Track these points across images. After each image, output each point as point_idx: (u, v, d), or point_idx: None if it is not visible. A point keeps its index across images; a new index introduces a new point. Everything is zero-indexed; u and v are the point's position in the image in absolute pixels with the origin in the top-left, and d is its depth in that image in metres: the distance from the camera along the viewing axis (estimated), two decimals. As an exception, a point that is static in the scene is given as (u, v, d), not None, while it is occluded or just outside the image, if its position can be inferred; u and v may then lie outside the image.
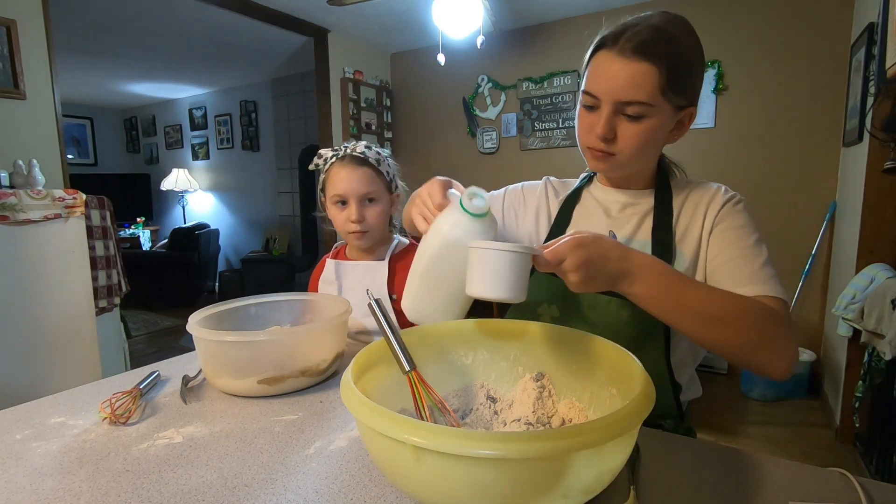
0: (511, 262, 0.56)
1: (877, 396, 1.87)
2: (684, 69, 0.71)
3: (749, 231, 0.75)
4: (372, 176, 1.09)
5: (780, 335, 0.65)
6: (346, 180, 1.07)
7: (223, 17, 3.40)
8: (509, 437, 0.40)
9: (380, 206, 1.10)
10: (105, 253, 2.27)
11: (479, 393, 0.68)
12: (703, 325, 0.63)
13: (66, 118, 3.41)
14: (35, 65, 2.26)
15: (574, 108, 3.57)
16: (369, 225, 1.09)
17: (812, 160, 2.84)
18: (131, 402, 0.73)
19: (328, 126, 3.76)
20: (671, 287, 0.61)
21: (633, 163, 0.77)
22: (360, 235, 1.09)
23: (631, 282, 0.60)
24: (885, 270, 1.91)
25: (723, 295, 0.65)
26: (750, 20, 2.93)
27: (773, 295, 0.68)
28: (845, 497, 0.52)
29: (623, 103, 0.70)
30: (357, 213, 1.07)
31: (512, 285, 0.56)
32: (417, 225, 0.74)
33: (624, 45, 0.69)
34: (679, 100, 0.72)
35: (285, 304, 1.03)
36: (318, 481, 0.55)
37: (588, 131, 0.76)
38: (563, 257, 0.56)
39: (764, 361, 0.65)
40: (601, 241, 0.59)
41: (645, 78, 0.68)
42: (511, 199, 0.95)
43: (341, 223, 1.10)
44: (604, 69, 0.71)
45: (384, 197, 1.12)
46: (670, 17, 0.72)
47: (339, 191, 1.07)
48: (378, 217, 1.10)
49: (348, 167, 1.07)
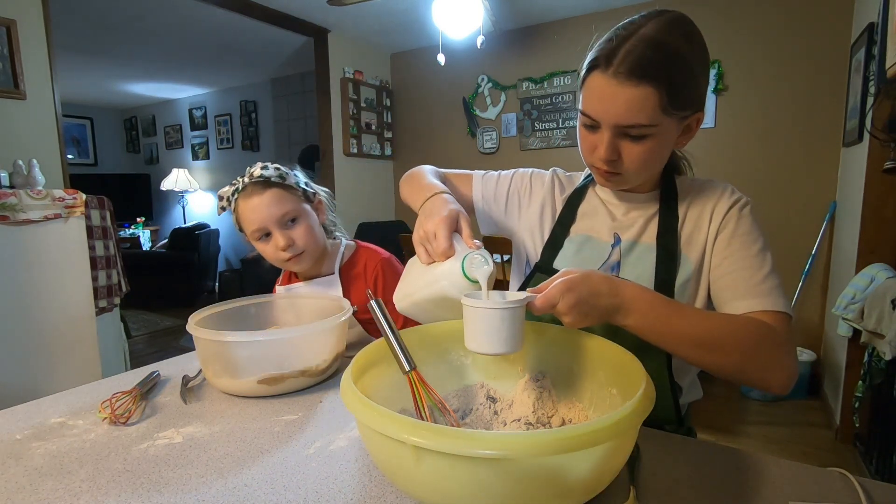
0: (505, 319, 0.56)
1: (877, 396, 1.87)
2: (686, 81, 0.66)
3: (753, 238, 0.74)
4: (282, 195, 1.00)
5: (776, 355, 0.65)
6: (256, 210, 0.98)
7: (223, 17, 3.40)
8: (509, 437, 0.40)
9: (304, 222, 1.02)
10: (105, 253, 2.27)
11: (479, 393, 0.68)
12: (697, 352, 0.64)
13: (66, 118, 3.41)
14: (35, 65, 2.26)
15: (574, 108, 3.58)
16: (301, 246, 1.01)
17: (812, 160, 2.84)
18: (131, 402, 0.73)
19: (328, 126, 3.76)
20: (664, 317, 0.63)
21: (640, 178, 0.76)
22: (296, 260, 1.02)
23: (624, 315, 0.62)
24: (885, 270, 1.91)
25: (716, 321, 0.66)
26: (750, 20, 2.93)
27: (774, 309, 0.68)
28: (845, 497, 0.52)
29: (624, 126, 0.67)
30: (283, 238, 0.99)
31: (507, 340, 0.57)
32: (419, 256, 0.71)
33: (618, 67, 0.64)
34: (683, 112, 0.68)
35: (285, 304, 1.03)
36: (318, 481, 0.55)
37: (591, 151, 0.73)
38: (555, 302, 0.58)
39: (760, 380, 0.66)
40: (589, 278, 0.60)
41: (644, 101, 0.64)
42: (518, 183, 0.92)
43: (272, 255, 1.02)
44: (598, 93, 0.67)
45: (304, 212, 1.03)
46: (667, 21, 0.66)
47: (255, 224, 0.99)
48: (307, 235, 1.02)
49: (254, 196, 0.99)
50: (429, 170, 0.91)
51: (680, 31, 0.66)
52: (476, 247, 0.65)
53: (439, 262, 0.67)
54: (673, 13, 0.68)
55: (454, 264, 0.64)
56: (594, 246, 0.81)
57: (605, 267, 0.79)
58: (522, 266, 0.91)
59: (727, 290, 0.72)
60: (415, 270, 0.73)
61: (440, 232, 0.66)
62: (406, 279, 0.76)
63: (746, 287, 0.71)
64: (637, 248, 0.79)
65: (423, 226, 0.69)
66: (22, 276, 1.85)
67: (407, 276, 0.76)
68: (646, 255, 0.78)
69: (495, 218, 0.93)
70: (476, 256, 0.64)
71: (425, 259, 0.69)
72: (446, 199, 0.73)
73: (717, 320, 0.66)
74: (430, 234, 0.68)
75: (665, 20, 0.66)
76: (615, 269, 0.79)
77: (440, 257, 0.66)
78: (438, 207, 0.71)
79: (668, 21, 0.66)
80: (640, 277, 0.76)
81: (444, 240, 0.66)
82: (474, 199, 0.93)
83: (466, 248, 0.66)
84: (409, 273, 0.76)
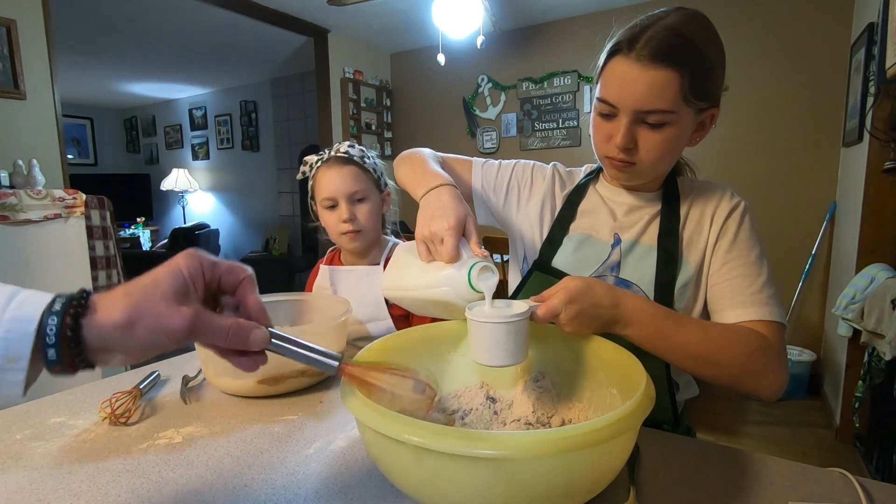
0: (511, 332, 0.56)
1: (877, 396, 1.87)
2: (706, 72, 0.67)
3: (751, 245, 0.75)
4: (358, 174, 1.07)
5: (769, 367, 0.67)
6: (333, 181, 1.06)
7: (223, 17, 3.40)
8: (509, 437, 0.40)
9: (370, 204, 1.08)
10: (105, 253, 2.27)
11: (479, 393, 0.68)
12: (693, 363, 0.66)
13: (66, 118, 3.41)
14: (35, 65, 2.26)
15: (573, 108, 3.58)
16: (361, 224, 1.07)
17: (812, 160, 2.84)
18: (131, 402, 0.73)
19: (328, 126, 3.76)
20: (662, 329, 0.64)
21: (654, 171, 0.75)
22: (353, 236, 1.07)
23: (623, 326, 0.64)
24: (885, 270, 1.91)
25: (713, 333, 0.67)
26: (750, 20, 2.93)
27: (769, 319, 0.69)
28: (845, 497, 0.52)
29: (643, 112, 0.67)
30: (348, 212, 1.05)
31: (514, 352, 0.57)
32: (420, 253, 0.69)
33: (641, 51, 0.65)
34: (701, 103, 0.69)
35: (285, 304, 1.03)
36: (318, 481, 0.55)
37: (606, 140, 0.73)
38: (557, 312, 0.59)
39: (752, 390, 0.68)
40: (592, 289, 0.61)
41: (665, 85, 0.65)
42: (519, 175, 0.92)
43: (333, 225, 1.08)
44: (620, 77, 0.67)
45: (373, 195, 1.10)
46: (687, 15, 0.68)
47: (327, 193, 1.06)
48: (369, 216, 1.08)
49: (334, 168, 1.06)
50: (428, 153, 0.89)
51: (700, 24, 0.68)
52: (483, 255, 0.64)
53: (441, 264, 0.65)
54: (692, 10, 0.69)
55: (460, 272, 0.63)
56: (593, 245, 0.81)
57: (605, 267, 0.79)
58: (520, 260, 0.91)
59: (724, 298, 0.73)
60: (413, 264, 0.71)
61: (449, 240, 0.64)
62: (401, 270, 0.74)
63: (744, 295, 0.71)
64: (637, 249, 0.79)
65: (430, 225, 0.66)
66: (22, 276, 1.84)
67: (402, 268, 0.74)
68: (646, 256, 0.78)
69: (493, 207, 0.92)
70: (483, 267, 0.63)
71: (426, 257, 0.68)
72: (453, 195, 0.70)
73: (714, 333, 0.68)
74: (436, 237, 0.65)
75: (686, 14, 0.68)
76: (615, 270, 0.79)
77: (446, 260, 0.65)
78: (446, 206, 0.68)
79: (689, 14, 0.68)
80: (641, 279, 0.76)
81: (452, 248, 0.63)
82: (473, 187, 0.92)
83: (472, 255, 0.64)
84: (404, 264, 0.73)
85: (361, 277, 1.12)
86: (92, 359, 0.38)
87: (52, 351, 0.36)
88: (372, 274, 1.11)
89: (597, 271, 0.79)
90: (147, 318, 0.37)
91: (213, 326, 0.40)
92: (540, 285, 0.80)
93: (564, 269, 0.80)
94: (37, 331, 0.35)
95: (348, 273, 1.13)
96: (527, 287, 0.83)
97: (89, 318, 0.37)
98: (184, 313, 0.38)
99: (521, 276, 0.88)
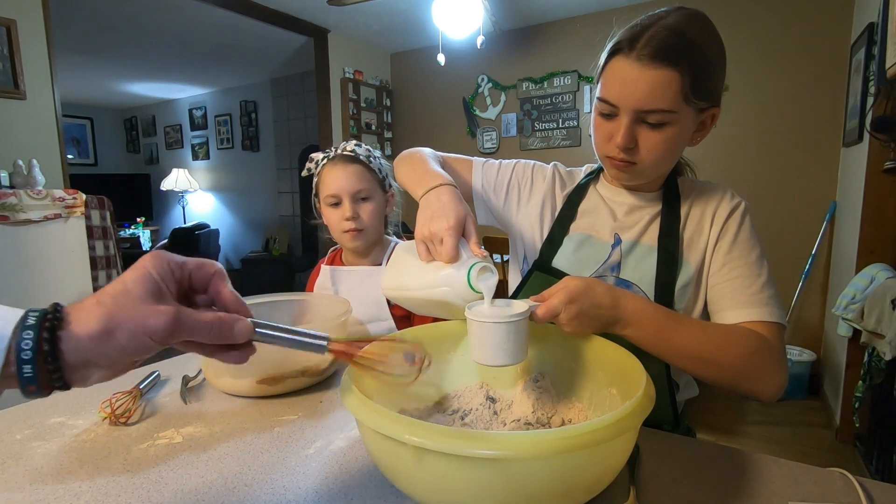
0: (510, 332, 0.56)
1: (877, 396, 1.87)
2: (706, 72, 0.67)
3: (752, 245, 0.75)
4: (363, 173, 1.08)
5: (768, 368, 0.68)
6: (337, 178, 1.06)
7: (223, 17, 3.40)
8: (509, 437, 0.40)
9: (373, 203, 1.09)
10: (105, 253, 2.27)
11: (479, 393, 0.68)
12: (693, 364, 0.67)
13: (66, 118, 3.41)
14: (35, 65, 2.26)
15: (573, 108, 3.58)
16: (364, 223, 1.07)
17: (812, 160, 2.84)
18: (131, 402, 0.73)
19: (328, 126, 3.76)
20: (662, 330, 0.65)
21: (655, 170, 0.75)
22: (355, 234, 1.07)
23: (623, 326, 0.64)
24: (885, 270, 1.91)
25: (713, 334, 0.67)
26: (750, 20, 2.93)
27: (768, 320, 0.69)
28: (845, 497, 0.52)
29: (644, 112, 0.67)
30: (351, 210, 1.06)
31: (514, 352, 0.57)
32: (420, 253, 0.70)
33: (641, 50, 0.65)
34: (702, 103, 0.69)
35: (285, 304, 1.03)
36: (318, 481, 0.55)
37: (606, 140, 0.73)
38: (557, 312, 0.59)
39: (751, 391, 0.69)
40: (592, 290, 0.61)
41: (666, 85, 0.65)
42: (520, 175, 0.92)
43: (335, 223, 1.08)
44: (621, 77, 0.68)
45: (377, 195, 1.10)
46: (688, 15, 0.68)
47: (332, 190, 1.07)
48: (372, 215, 1.08)
49: (339, 166, 1.07)
50: (428, 153, 0.89)
51: (700, 24, 0.68)
52: (482, 255, 0.64)
53: (441, 264, 0.65)
54: (693, 9, 0.69)
55: (459, 272, 0.63)
56: (593, 245, 0.81)
57: (605, 267, 0.79)
58: (520, 260, 0.91)
59: (725, 298, 0.73)
60: (412, 264, 0.71)
61: (448, 240, 0.64)
62: (400, 270, 0.74)
63: (744, 296, 0.72)
64: (638, 249, 0.79)
65: (430, 226, 0.67)
66: (22, 276, 1.85)
67: (401, 267, 0.74)
68: (647, 256, 0.78)
69: (493, 207, 0.92)
70: (482, 267, 0.63)
71: (425, 257, 0.68)
72: (453, 195, 0.71)
73: (714, 334, 0.68)
74: (436, 237, 0.66)
75: (686, 13, 0.68)
76: (615, 270, 0.79)
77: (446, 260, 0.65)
78: (446, 206, 0.68)
79: (689, 14, 0.68)
80: (642, 279, 0.76)
81: (451, 249, 0.64)
82: (473, 187, 0.92)
83: (471, 255, 0.64)
84: (404, 264, 0.74)
85: (363, 278, 1.12)
86: (69, 377, 0.36)
87: (28, 367, 0.33)
88: (373, 274, 1.11)
89: (597, 271, 0.79)
90: (125, 323, 0.36)
91: (195, 322, 0.39)
92: (540, 285, 0.79)
93: (564, 270, 0.80)
94: (8, 348, 0.33)
95: (350, 273, 1.13)
96: (527, 287, 0.83)
97: (66, 330, 0.35)
98: (163, 311, 0.37)
99: (521, 276, 0.88)
